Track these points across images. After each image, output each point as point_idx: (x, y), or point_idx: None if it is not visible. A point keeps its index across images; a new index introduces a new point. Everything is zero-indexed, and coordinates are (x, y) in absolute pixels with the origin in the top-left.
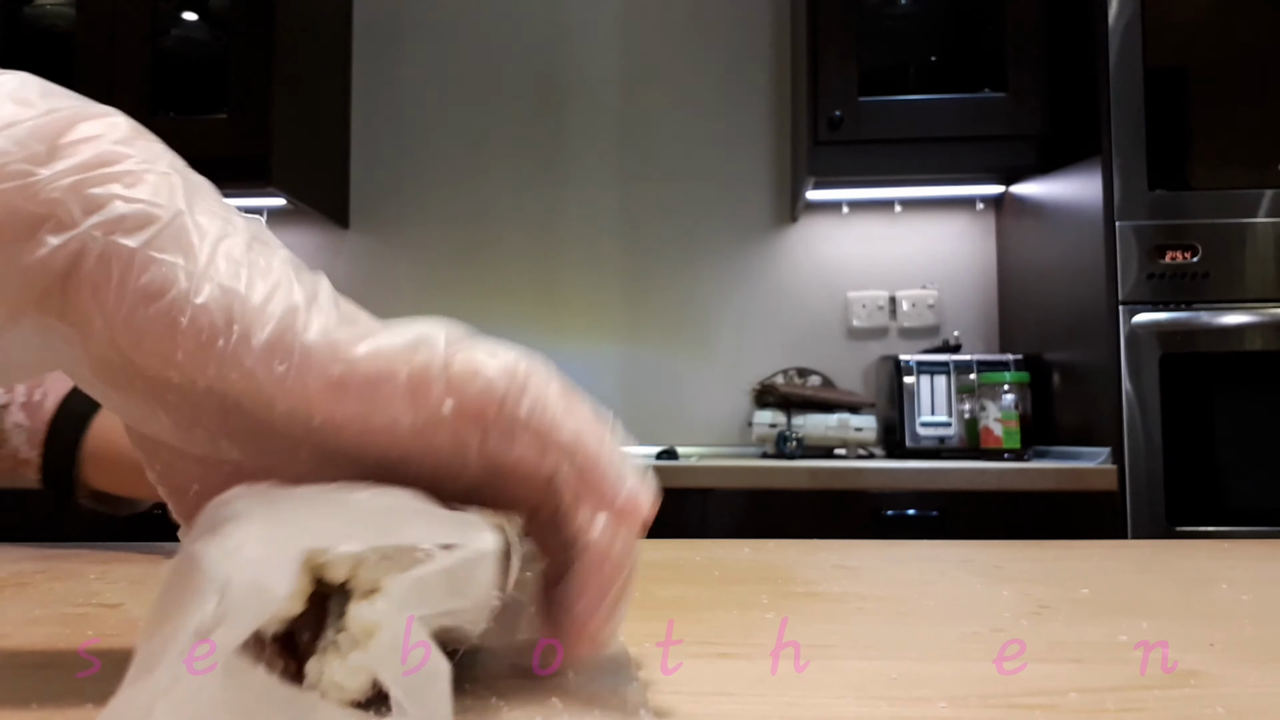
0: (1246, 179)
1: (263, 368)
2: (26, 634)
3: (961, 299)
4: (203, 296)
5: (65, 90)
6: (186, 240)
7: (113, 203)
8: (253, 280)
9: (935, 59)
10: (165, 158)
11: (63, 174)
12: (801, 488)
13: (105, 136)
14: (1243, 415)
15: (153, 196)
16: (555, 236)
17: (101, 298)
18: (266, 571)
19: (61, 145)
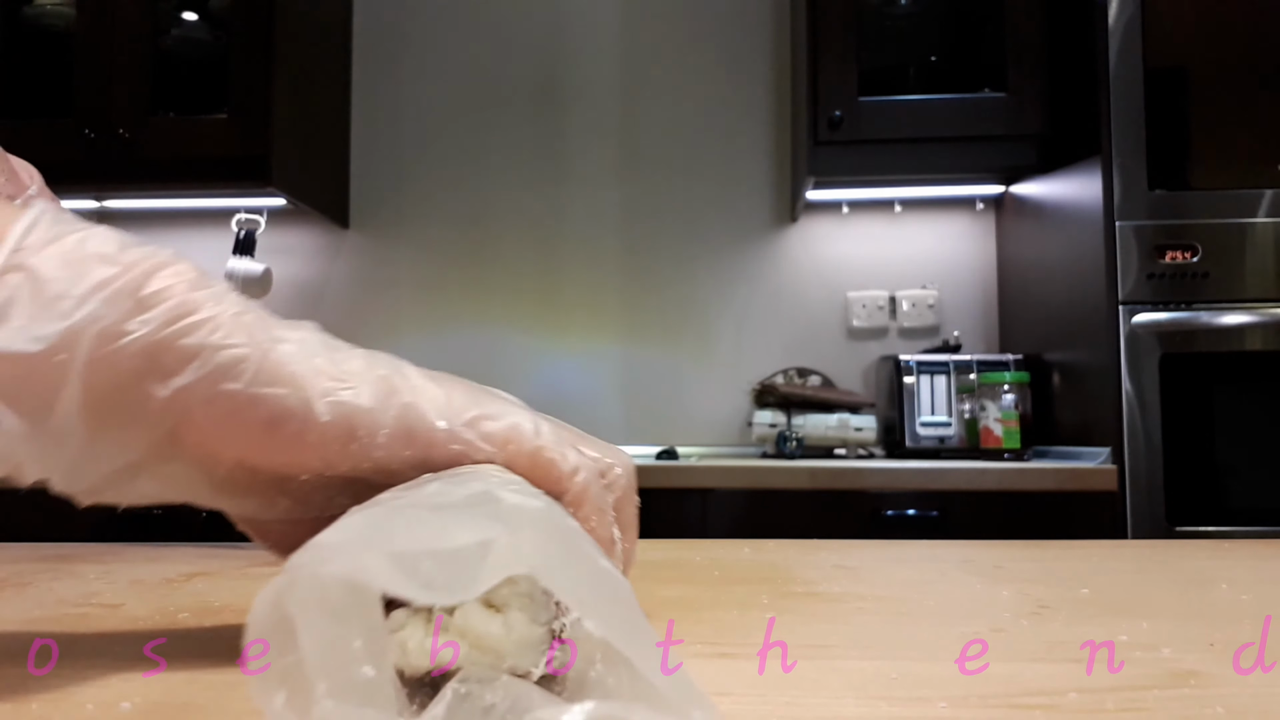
0: (1246, 179)
1: (395, 455)
2: (26, 634)
3: (961, 299)
4: (325, 416)
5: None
6: (283, 371)
7: (205, 351)
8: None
9: (935, 59)
10: (229, 297)
11: (153, 328)
12: (801, 488)
13: (177, 286)
14: (1243, 415)
15: (234, 338)
16: (555, 236)
17: (227, 435)
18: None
19: (142, 298)
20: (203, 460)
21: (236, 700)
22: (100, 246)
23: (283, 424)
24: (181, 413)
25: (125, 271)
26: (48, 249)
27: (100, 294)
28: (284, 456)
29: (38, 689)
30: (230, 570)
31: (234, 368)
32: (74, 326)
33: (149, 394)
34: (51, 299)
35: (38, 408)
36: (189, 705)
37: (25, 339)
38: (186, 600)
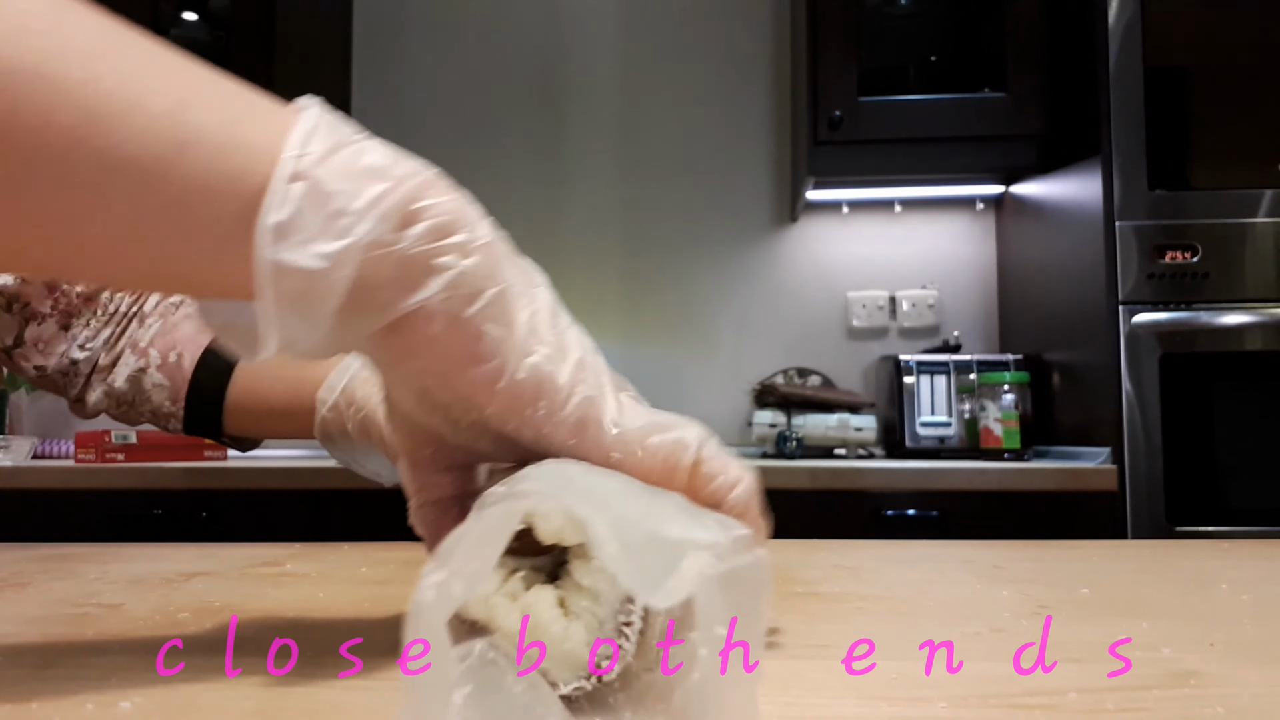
0: (1246, 179)
1: (558, 436)
2: (26, 634)
3: (961, 299)
4: (521, 373)
5: (402, 153)
6: (508, 314)
7: (451, 272)
8: (558, 361)
9: (935, 59)
10: (484, 225)
11: (415, 242)
12: (801, 488)
13: (441, 207)
14: (1243, 415)
15: (480, 269)
16: (555, 236)
17: (434, 348)
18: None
19: (410, 213)
20: (402, 357)
21: (237, 700)
22: (375, 159)
23: (483, 361)
24: (413, 314)
25: (397, 186)
26: (330, 160)
27: (375, 210)
28: (467, 389)
29: (38, 689)
30: (230, 570)
31: (472, 294)
32: (354, 244)
33: (395, 300)
34: (334, 214)
35: (317, 314)
36: (189, 705)
37: (312, 255)
38: (186, 600)
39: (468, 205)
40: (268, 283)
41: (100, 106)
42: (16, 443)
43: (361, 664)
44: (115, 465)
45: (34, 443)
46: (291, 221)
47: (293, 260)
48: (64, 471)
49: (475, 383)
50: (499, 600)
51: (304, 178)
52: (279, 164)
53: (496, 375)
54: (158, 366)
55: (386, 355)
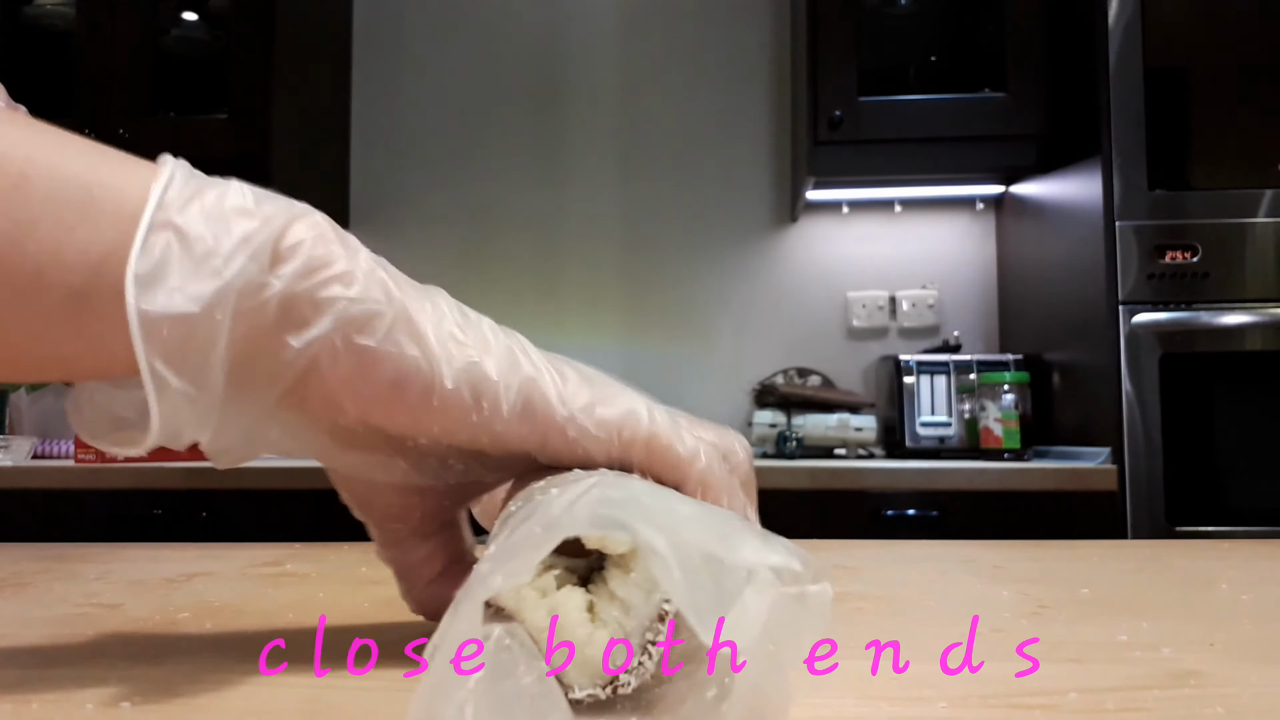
0: (1246, 179)
1: (512, 431)
2: (26, 634)
3: (961, 299)
4: (450, 382)
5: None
6: (416, 330)
7: (339, 304)
8: (484, 357)
9: (935, 59)
10: (363, 252)
11: (290, 280)
12: (801, 488)
13: (312, 238)
14: (1243, 415)
15: (369, 293)
16: (555, 236)
17: (353, 389)
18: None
19: (280, 250)
20: (326, 413)
21: (237, 700)
22: (238, 201)
23: (409, 384)
24: (311, 364)
25: (264, 225)
26: (190, 206)
27: (244, 250)
28: (406, 417)
29: (38, 689)
30: (230, 570)
31: (368, 322)
32: (226, 284)
33: (283, 344)
34: (201, 257)
35: (198, 367)
36: (189, 705)
37: (185, 299)
38: (186, 600)
39: (344, 235)
40: (140, 337)
41: None
42: (16, 443)
43: (362, 664)
44: (115, 465)
45: (34, 443)
46: (158, 270)
47: (164, 307)
48: (64, 471)
49: (410, 408)
50: (529, 593)
51: (167, 226)
52: (142, 217)
53: (427, 393)
54: None
55: (309, 424)
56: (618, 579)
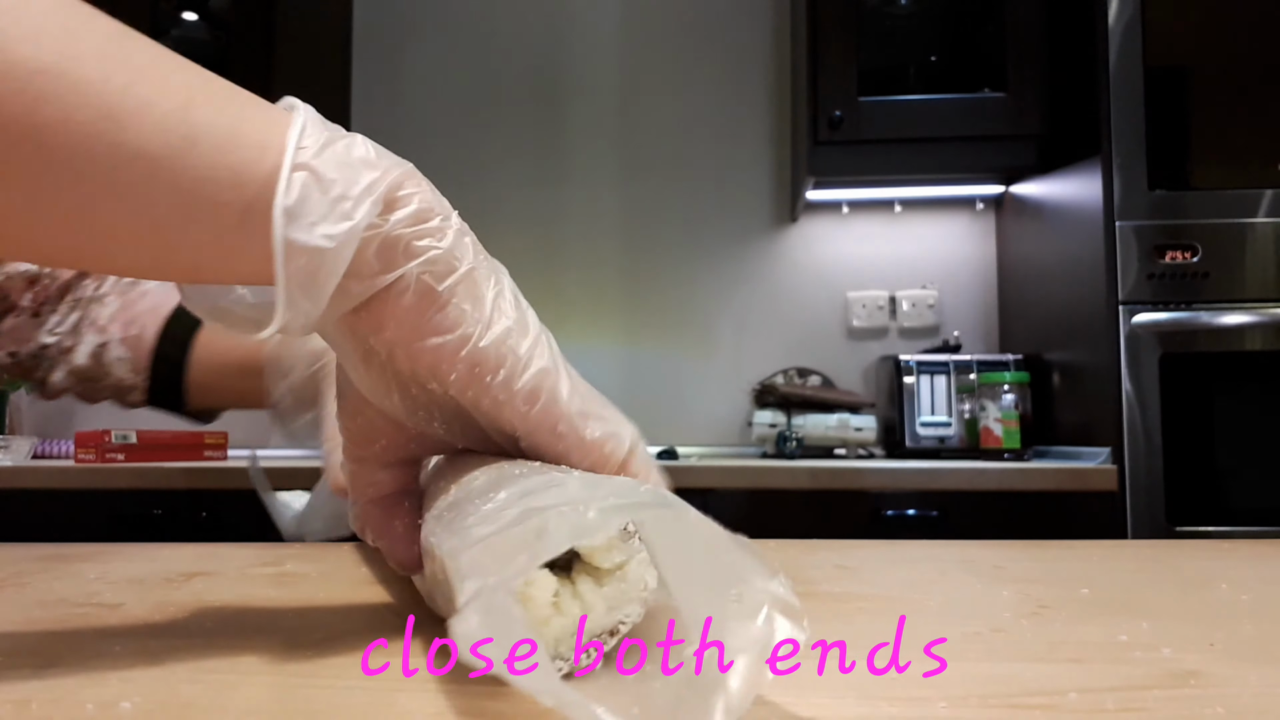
0: (1246, 179)
1: (512, 404)
2: (26, 634)
3: (961, 299)
4: (484, 341)
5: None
6: (477, 291)
7: (429, 252)
8: (519, 335)
9: (935, 59)
10: (455, 215)
11: (398, 225)
12: (801, 488)
13: (419, 195)
14: (1243, 415)
15: (454, 249)
16: (555, 236)
17: (404, 320)
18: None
19: (394, 199)
20: (370, 328)
21: (237, 700)
22: (362, 152)
23: (450, 331)
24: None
25: (384, 175)
26: (325, 152)
27: (369, 196)
28: (431, 358)
29: (38, 689)
30: (230, 570)
31: (444, 272)
32: (355, 225)
33: (376, 277)
34: (336, 199)
35: (320, 291)
36: (189, 705)
37: (320, 236)
38: (186, 600)
39: (440, 197)
40: (283, 261)
41: (114, 104)
42: (16, 443)
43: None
44: (115, 465)
45: (34, 443)
46: (299, 206)
47: (304, 240)
48: (64, 471)
49: (440, 351)
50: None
51: (305, 168)
52: (285, 155)
53: (461, 343)
54: (119, 340)
55: (355, 332)
56: (588, 585)
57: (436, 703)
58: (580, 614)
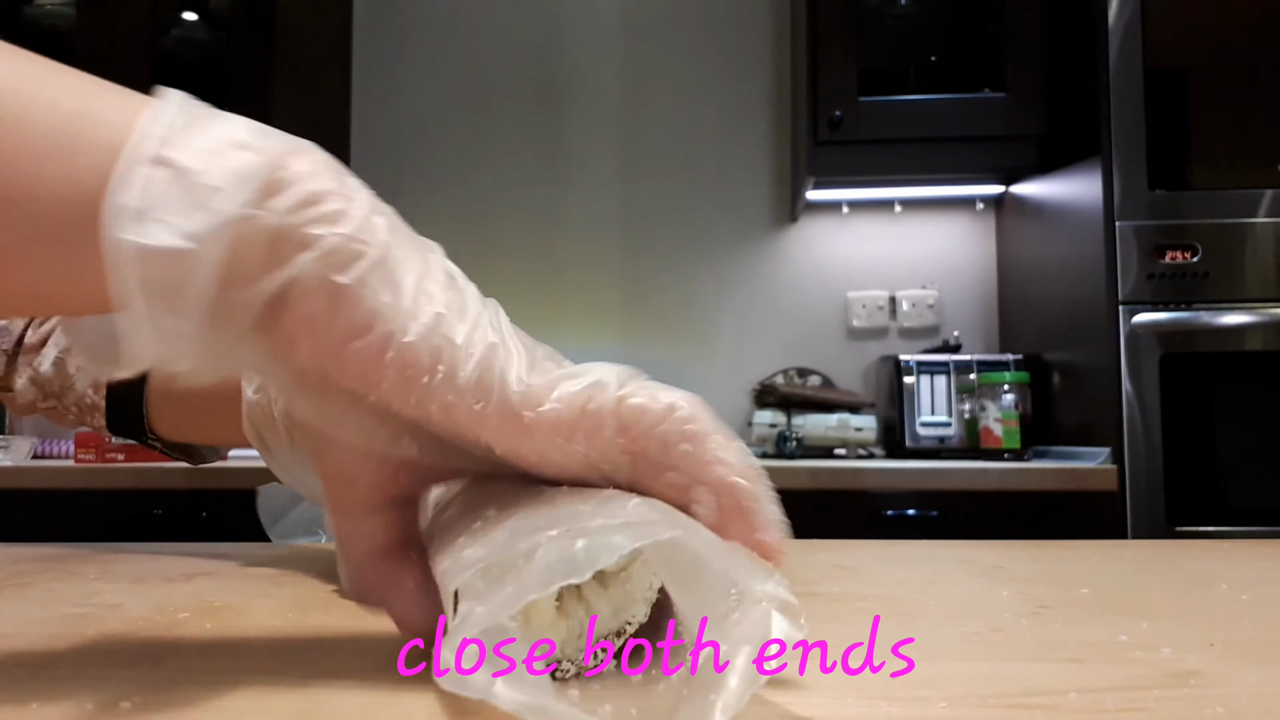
0: (1246, 179)
1: (462, 404)
2: (26, 634)
3: (961, 299)
4: (410, 335)
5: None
6: (394, 277)
7: (325, 240)
8: (454, 321)
9: (935, 59)
10: (363, 193)
11: (281, 214)
12: (801, 488)
13: (310, 175)
14: (1243, 415)
15: (358, 233)
16: (555, 236)
17: (313, 327)
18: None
19: (274, 181)
20: (284, 346)
21: (237, 700)
22: (237, 134)
23: (370, 330)
24: (282, 293)
25: (262, 158)
26: (187, 136)
27: (239, 183)
28: (358, 370)
29: (38, 689)
30: (230, 570)
31: (348, 261)
32: (219, 220)
33: (266, 277)
34: (194, 191)
35: (188, 303)
36: (189, 705)
37: (173, 234)
38: (186, 600)
39: (342, 173)
40: (129, 271)
41: None
42: (16, 443)
43: (363, 664)
44: (115, 465)
45: (34, 443)
46: (147, 202)
47: (156, 243)
48: (64, 471)
49: (363, 357)
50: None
51: (160, 159)
52: (128, 147)
53: (384, 344)
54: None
55: (272, 354)
56: (593, 588)
57: (436, 702)
58: (585, 616)
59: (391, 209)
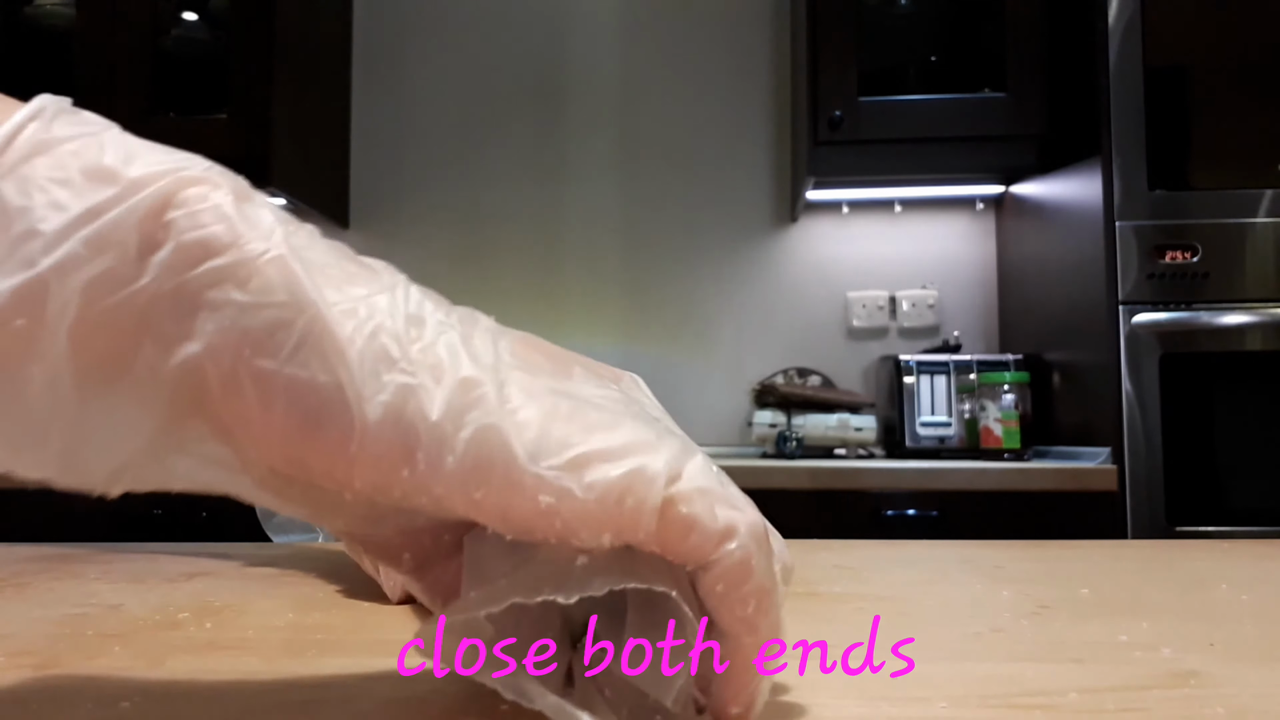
0: (1246, 179)
1: (457, 494)
2: (26, 634)
3: (961, 299)
4: (372, 422)
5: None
6: (332, 345)
7: (227, 310)
8: (429, 390)
9: (935, 59)
10: (277, 230)
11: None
12: (801, 488)
13: (200, 214)
14: (1243, 415)
15: (274, 294)
16: (555, 236)
17: (251, 429)
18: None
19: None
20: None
21: (237, 700)
22: (99, 158)
23: (322, 423)
24: (194, 387)
25: (128, 194)
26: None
27: (86, 229)
28: (322, 469)
29: (38, 689)
30: (230, 570)
31: (268, 337)
32: (40, 276)
33: (154, 362)
34: (15, 239)
35: (17, 395)
36: (189, 705)
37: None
38: (186, 600)
39: (249, 205)
40: None
41: None
42: None
43: (363, 664)
44: None
45: None
46: None
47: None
48: None
49: (323, 454)
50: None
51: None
52: None
53: (343, 440)
54: None
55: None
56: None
57: (437, 702)
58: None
59: (315, 229)
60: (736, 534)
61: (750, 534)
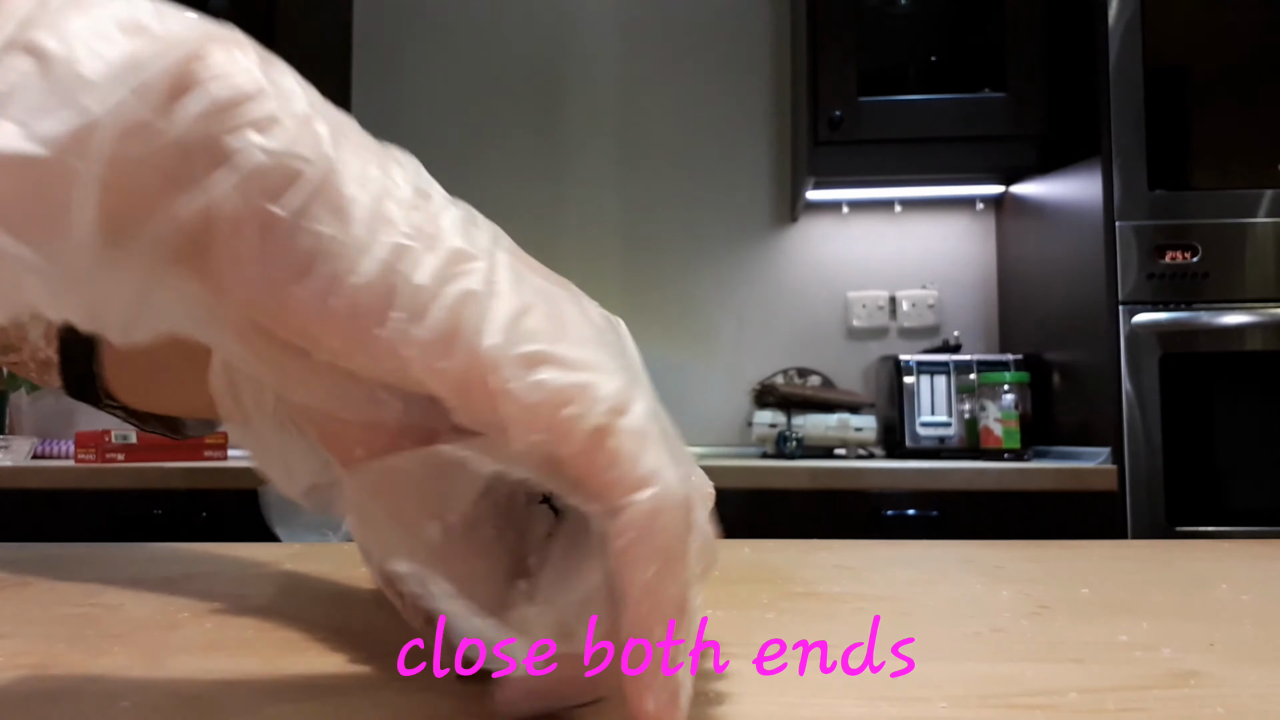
0: (1246, 179)
1: (423, 359)
2: (26, 634)
3: (961, 299)
4: (359, 276)
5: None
6: (339, 201)
7: (251, 155)
8: (419, 254)
9: (935, 59)
10: (301, 92)
11: (191, 121)
12: (801, 488)
13: (228, 70)
14: (1243, 415)
15: (294, 146)
16: (555, 236)
17: (242, 269)
18: None
19: (180, 76)
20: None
21: (237, 699)
22: (131, 13)
23: (306, 272)
24: (205, 228)
25: (163, 47)
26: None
27: (127, 78)
28: (299, 321)
29: (38, 688)
30: (230, 570)
31: (283, 184)
32: (91, 121)
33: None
34: (65, 86)
35: (47, 228)
36: (189, 705)
37: (25, 139)
38: (186, 600)
39: (273, 66)
40: None
41: None
42: (16, 443)
43: (363, 664)
44: (115, 465)
45: (34, 443)
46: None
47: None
48: (64, 471)
49: (303, 304)
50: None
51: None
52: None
53: (328, 288)
54: None
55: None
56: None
57: (437, 702)
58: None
59: (344, 114)
60: (653, 484)
61: (670, 492)
